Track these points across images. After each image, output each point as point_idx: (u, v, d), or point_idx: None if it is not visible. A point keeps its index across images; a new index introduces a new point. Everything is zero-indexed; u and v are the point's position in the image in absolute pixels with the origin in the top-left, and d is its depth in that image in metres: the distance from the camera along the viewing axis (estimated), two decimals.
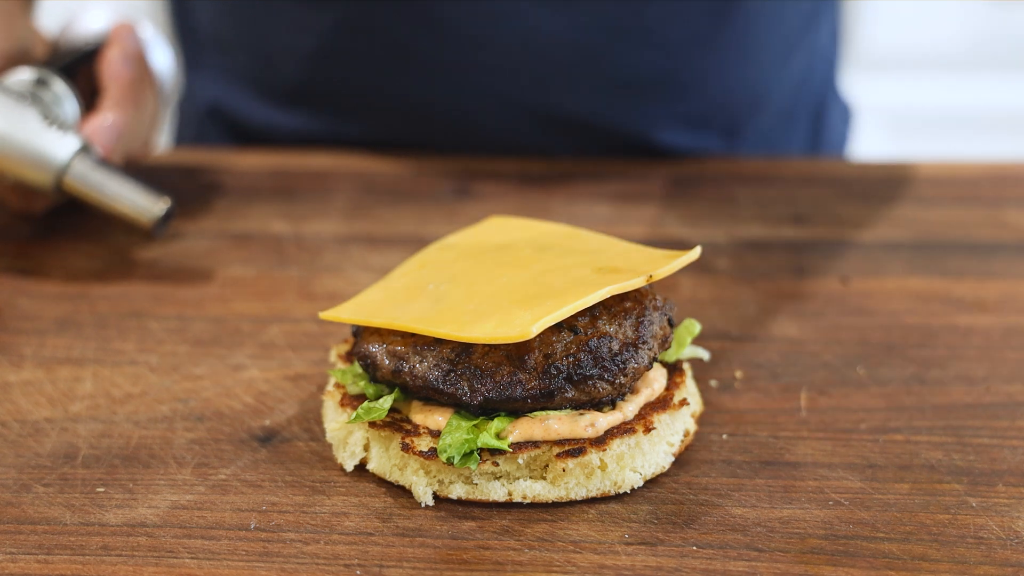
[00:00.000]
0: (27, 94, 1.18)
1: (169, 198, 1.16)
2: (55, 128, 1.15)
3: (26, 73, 1.20)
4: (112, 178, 1.16)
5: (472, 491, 0.86)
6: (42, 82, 1.20)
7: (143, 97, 1.26)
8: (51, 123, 1.15)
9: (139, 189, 1.16)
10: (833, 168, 1.43)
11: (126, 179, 1.16)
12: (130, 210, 1.15)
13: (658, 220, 1.29)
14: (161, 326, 1.09)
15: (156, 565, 0.81)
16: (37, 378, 1.01)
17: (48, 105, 1.19)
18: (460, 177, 1.38)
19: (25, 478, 0.89)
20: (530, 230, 1.00)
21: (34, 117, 1.15)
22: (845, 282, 1.16)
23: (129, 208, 1.15)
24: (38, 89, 1.20)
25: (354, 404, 0.91)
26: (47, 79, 1.21)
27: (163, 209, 1.15)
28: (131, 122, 1.23)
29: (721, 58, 1.42)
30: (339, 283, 1.16)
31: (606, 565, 0.81)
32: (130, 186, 1.16)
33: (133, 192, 1.15)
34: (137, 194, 1.15)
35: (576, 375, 0.86)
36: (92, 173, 1.15)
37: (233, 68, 1.49)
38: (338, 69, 1.42)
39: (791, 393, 0.99)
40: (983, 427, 0.94)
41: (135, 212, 1.15)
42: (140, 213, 1.15)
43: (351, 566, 0.81)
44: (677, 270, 0.91)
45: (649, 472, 0.88)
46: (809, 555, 0.82)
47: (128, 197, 1.15)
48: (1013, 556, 0.81)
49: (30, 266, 1.19)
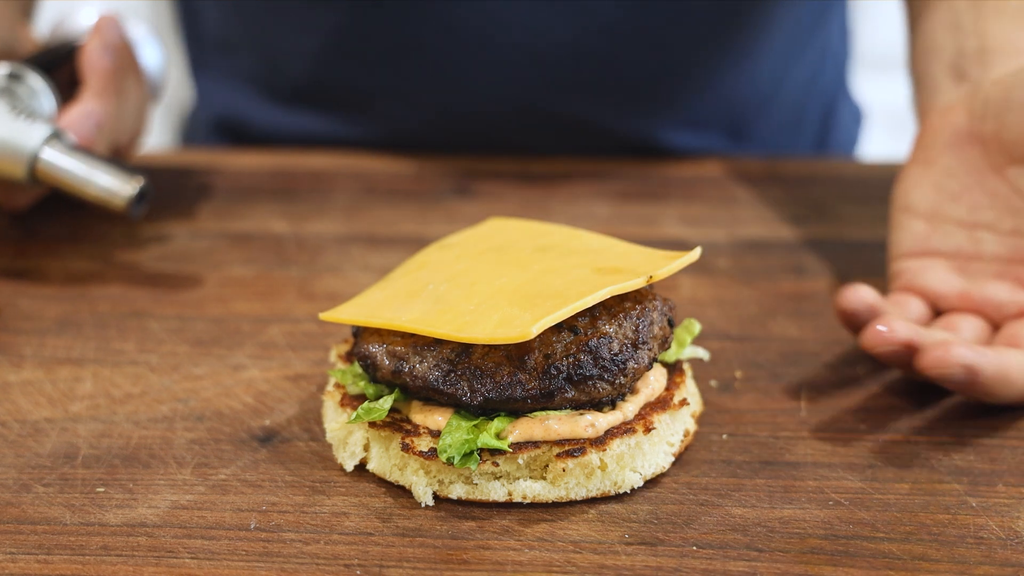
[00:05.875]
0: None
1: (142, 177, 1.14)
2: (23, 118, 1.14)
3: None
4: (83, 163, 1.13)
5: (472, 491, 0.86)
6: (15, 76, 1.19)
7: (124, 88, 1.25)
8: (19, 113, 1.15)
9: (111, 171, 1.13)
10: (833, 168, 1.43)
11: (98, 163, 1.14)
12: (102, 192, 1.13)
13: (658, 220, 1.29)
14: (161, 326, 1.09)
15: (156, 565, 0.81)
16: (37, 378, 1.01)
17: (22, 99, 1.18)
18: (460, 177, 1.38)
19: (25, 478, 0.89)
20: (530, 230, 1.00)
21: (2, 108, 1.14)
22: (845, 282, 1.16)
23: (102, 191, 1.13)
24: (11, 83, 1.19)
25: (354, 404, 0.91)
26: (21, 73, 1.20)
27: (136, 188, 1.13)
28: (111, 111, 1.22)
29: (727, 60, 1.41)
30: (339, 283, 1.16)
31: (606, 565, 0.81)
32: (102, 169, 1.13)
33: (105, 174, 1.13)
34: (109, 176, 1.13)
35: (576, 375, 0.86)
36: (63, 159, 1.13)
37: (239, 69, 1.49)
38: (343, 70, 1.42)
39: (791, 393, 0.99)
40: (983, 427, 0.94)
41: (107, 194, 1.13)
42: (113, 195, 1.13)
43: (351, 566, 0.81)
44: (677, 270, 0.91)
45: (649, 472, 0.88)
46: (809, 555, 0.82)
47: (100, 180, 1.13)
48: (1013, 556, 0.81)
49: (30, 266, 1.19)
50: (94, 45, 1.24)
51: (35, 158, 1.14)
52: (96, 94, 1.22)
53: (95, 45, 1.24)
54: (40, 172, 1.14)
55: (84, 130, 1.18)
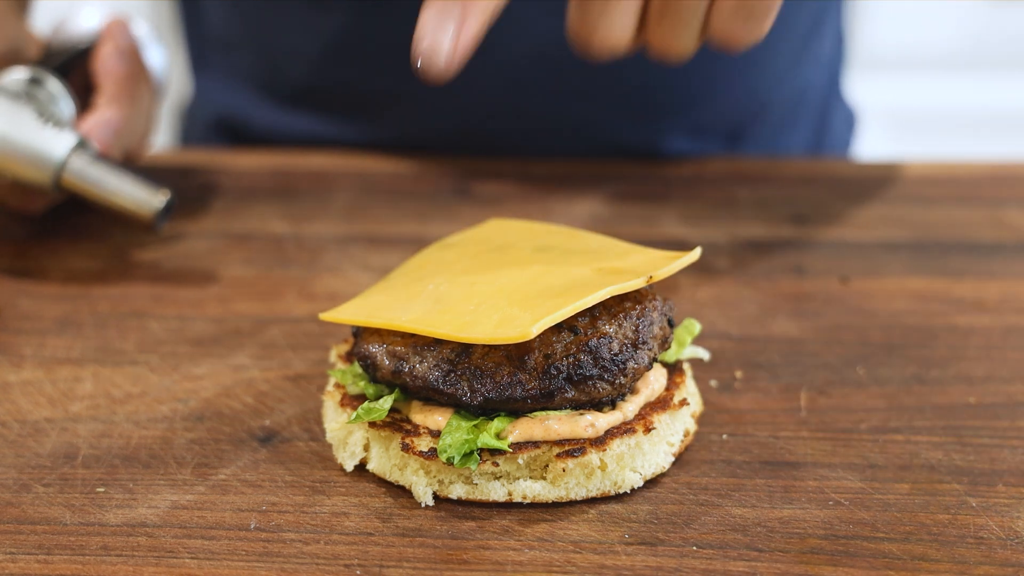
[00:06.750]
0: (22, 93, 1.18)
1: (168, 190, 1.16)
2: (51, 126, 1.15)
3: (20, 72, 1.20)
4: (110, 173, 1.15)
5: (472, 491, 0.86)
6: (36, 81, 1.20)
7: (138, 92, 1.26)
8: (47, 121, 1.15)
9: (138, 183, 1.15)
10: (833, 168, 1.43)
11: (124, 173, 1.15)
12: (130, 204, 1.15)
13: (658, 220, 1.29)
14: (161, 326, 1.09)
15: (156, 565, 0.81)
16: (37, 378, 1.01)
17: (43, 103, 1.19)
18: (460, 177, 1.38)
19: (25, 478, 0.89)
20: (530, 230, 1.00)
21: (30, 116, 1.15)
22: (845, 282, 1.16)
23: (129, 202, 1.15)
24: (32, 88, 1.19)
25: (354, 404, 0.91)
26: (41, 78, 1.20)
27: (163, 201, 1.15)
28: (127, 118, 1.23)
29: (727, 70, 1.42)
30: (339, 283, 1.16)
31: (606, 565, 0.81)
32: (129, 180, 1.15)
33: (132, 186, 1.15)
34: (136, 188, 1.15)
35: (576, 375, 0.86)
36: (90, 169, 1.15)
37: (239, 69, 1.49)
38: (342, 72, 1.42)
39: (791, 393, 0.99)
40: (983, 427, 0.94)
41: (135, 206, 1.15)
42: (140, 206, 1.15)
43: (351, 566, 0.81)
44: (677, 270, 0.91)
45: (649, 472, 0.88)
46: (809, 555, 0.82)
47: (127, 191, 1.15)
48: (1013, 556, 0.81)
49: (30, 266, 1.19)
50: (108, 50, 1.25)
51: (62, 167, 1.14)
52: (112, 100, 1.22)
53: (109, 50, 1.25)
54: (66, 181, 1.15)
55: (103, 137, 1.19)
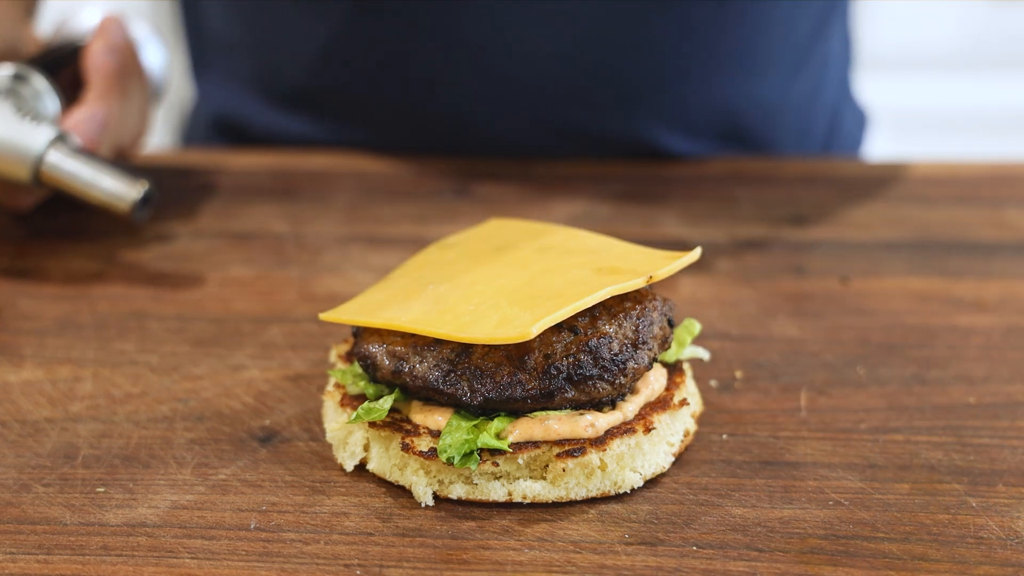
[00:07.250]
0: (3, 90, 1.17)
1: (147, 181, 1.14)
2: (28, 120, 1.14)
3: (4, 69, 1.20)
4: (88, 166, 1.14)
5: (472, 491, 0.86)
6: (20, 77, 1.19)
7: (129, 89, 1.25)
8: (24, 115, 1.15)
9: (117, 175, 1.14)
10: (833, 168, 1.43)
11: (103, 166, 1.14)
12: (107, 196, 1.13)
13: (658, 220, 1.29)
14: (161, 326, 1.09)
15: (156, 565, 0.81)
16: (37, 378, 1.01)
17: (27, 100, 1.18)
18: (460, 177, 1.38)
19: (25, 478, 0.89)
20: (530, 230, 1.00)
21: (8, 111, 1.15)
22: (845, 282, 1.16)
23: (106, 195, 1.13)
24: (16, 85, 1.19)
25: (354, 404, 0.91)
26: (25, 74, 1.20)
27: (140, 192, 1.13)
28: (116, 113, 1.22)
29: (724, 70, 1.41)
30: (339, 283, 1.16)
31: (606, 565, 0.81)
32: (107, 173, 1.13)
33: (110, 179, 1.13)
34: (114, 180, 1.13)
35: (576, 375, 0.86)
36: (67, 162, 1.13)
37: (239, 71, 1.49)
38: (342, 74, 1.42)
39: (791, 393, 0.99)
40: (983, 427, 0.94)
41: (112, 198, 1.13)
42: (117, 199, 1.13)
43: (351, 566, 0.81)
44: (677, 270, 0.91)
45: (649, 472, 0.88)
46: (809, 555, 0.82)
47: (105, 184, 1.13)
48: (1013, 556, 0.81)
49: (30, 266, 1.19)
50: (98, 46, 1.24)
51: (39, 161, 1.14)
52: (100, 95, 1.21)
53: (99, 46, 1.24)
54: (44, 175, 1.14)
55: (89, 132, 1.18)
